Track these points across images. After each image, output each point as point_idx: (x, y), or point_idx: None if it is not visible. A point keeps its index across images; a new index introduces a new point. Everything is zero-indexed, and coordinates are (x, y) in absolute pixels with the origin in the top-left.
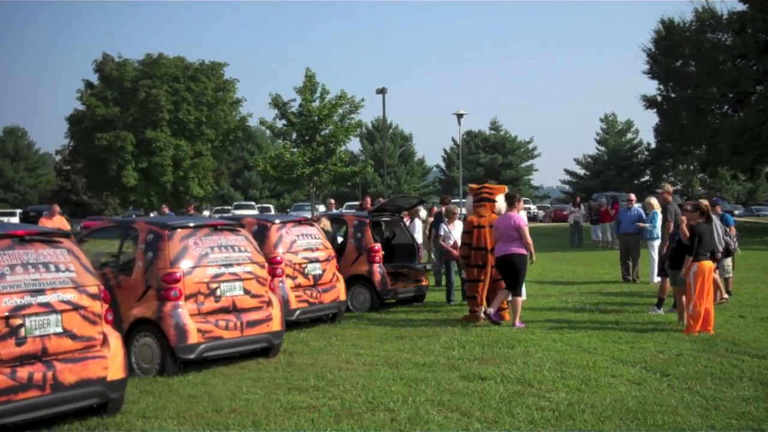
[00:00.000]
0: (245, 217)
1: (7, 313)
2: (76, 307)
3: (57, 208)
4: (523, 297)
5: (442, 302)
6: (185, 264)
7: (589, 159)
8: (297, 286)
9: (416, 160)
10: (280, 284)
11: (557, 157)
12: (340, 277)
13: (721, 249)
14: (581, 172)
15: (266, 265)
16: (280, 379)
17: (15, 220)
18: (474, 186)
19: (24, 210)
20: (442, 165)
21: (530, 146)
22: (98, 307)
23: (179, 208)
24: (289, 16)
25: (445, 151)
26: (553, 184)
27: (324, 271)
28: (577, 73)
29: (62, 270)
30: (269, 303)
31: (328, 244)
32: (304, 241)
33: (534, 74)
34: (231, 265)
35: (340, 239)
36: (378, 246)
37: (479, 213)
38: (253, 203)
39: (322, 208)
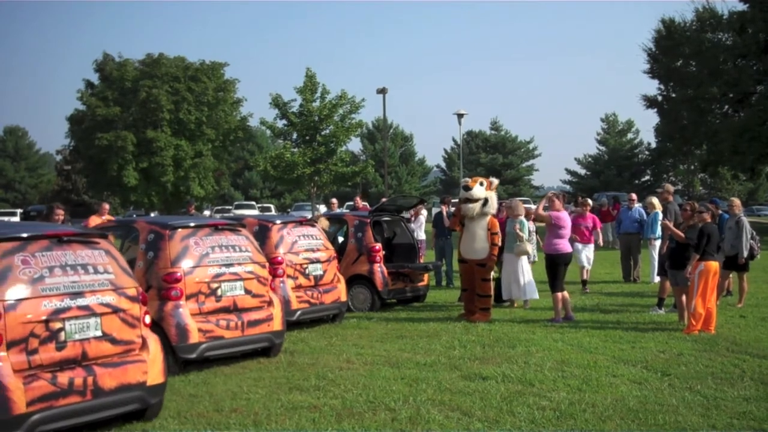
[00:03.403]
0: (246, 217)
1: (46, 317)
2: (116, 310)
3: (107, 207)
4: (532, 297)
5: (443, 302)
6: (186, 264)
7: (590, 159)
8: (298, 287)
9: (417, 160)
10: (281, 284)
11: (558, 157)
12: (341, 277)
13: (746, 253)
14: (582, 171)
15: (267, 265)
16: (281, 379)
17: (15, 220)
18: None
19: (25, 210)
20: (443, 165)
21: (531, 146)
22: (137, 309)
23: (179, 208)
24: (289, 16)
25: (445, 151)
26: (553, 183)
27: (325, 271)
28: (578, 72)
29: (101, 272)
30: (270, 303)
31: (329, 245)
32: (305, 242)
33: (534, 74)
34: (232, 264)
35: (340, 239)
36: (379, 246)
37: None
38: (253, 203)
39: (323, 208)
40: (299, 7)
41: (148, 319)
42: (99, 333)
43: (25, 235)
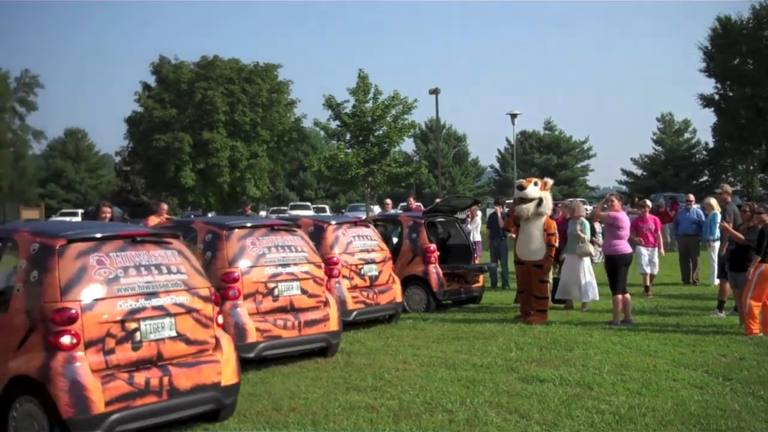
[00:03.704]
0: (301, 217)
1: (122, 317)
2: (189, 310)
3: (165, 207)
4: (591, 298)
5: (499, 303)
6: (243, 263)
7: (646, 159)
8: (354, 287)
9: (470, 161)
10: (337, 285)
11: (613, 157)
12: (396, 278)
13: None
14: (638, 172)
15: (323, 265)
16: (339, 379)
17: (77, 220)
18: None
19: (86, 210)
20: (497, 165)
21: (585, 146)
22: (210, 310)
23: (236, 209)
24: (342, 17)
25: (499, 151)
26: (609, 184)
27: (380, 272)
28: (633, 71)
29: (174, 272)
30: (326, 303)
31: (384, 246)
32: (360, 243)
33: (589, 73)
34: (288, 265)
35: (395, 240)
36: (433, 247)
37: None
38: (308, 204)
39: (377, 208)
40: (352, 7)
41: (221, 320)
42: (173, 333)
43: (99, 235)
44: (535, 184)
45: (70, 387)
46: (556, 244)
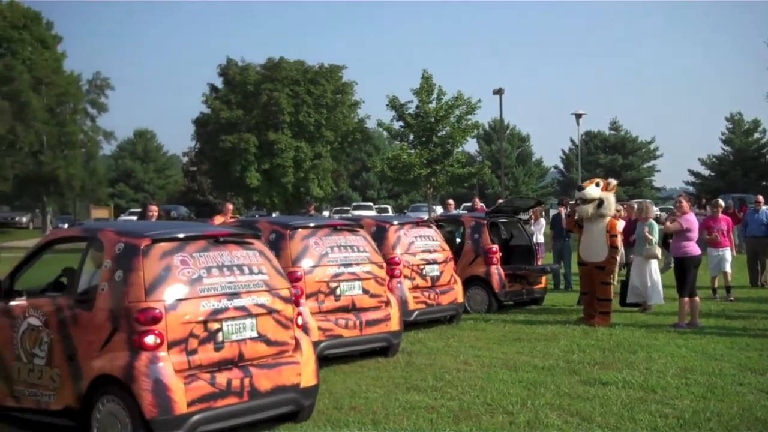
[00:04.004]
0: (364, 217)
1: (205, 317)
2: (270, 311)
3: (230, 207)
4: (655, 301)
5: (561, 305)
6: (306, 263)
7: (714, 159)
8: (415, 288)
9: (534, 161)
10: (399, 285)
11: (680, 158)
12: (458, 279)
13: None
14: (706, 173)
15: (384, 265)
16: (399, 379)
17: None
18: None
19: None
20: (561, 166)
21: (652, 146)
22: (290, 310)
23: (299, 209)
24: (406, 18)
25: (563, 151)
26: (676, 185)
27: (442, 272)
28: (700, 70)
29: (255, 272)
30: (387, 303)
31: (446, 246)
32: (421, 243)
33: (655, 72)
34: (350, 264)
35: (457, 240)
36: (496, 247)
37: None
38: (371, 204)
39: (439, 209)
40: (417, 8)
41: (300, 320)
42: (254, 334)
43: (182, 235)
44: (597, 184)
45: (154, 387)
46: (619, 246)
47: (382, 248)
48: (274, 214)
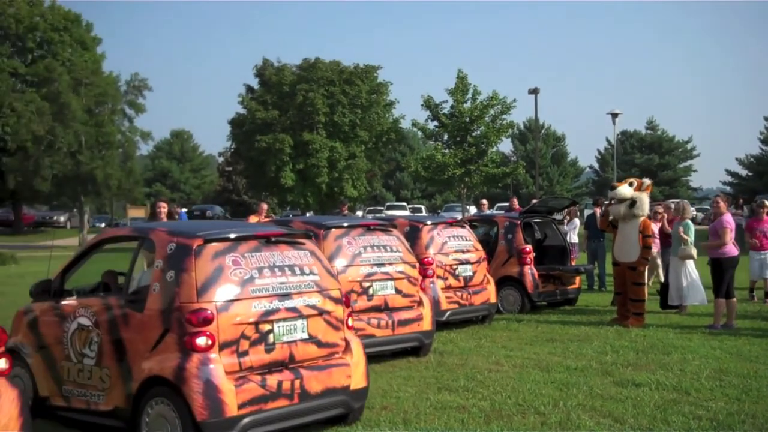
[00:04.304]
0: (397, 217)
1: (256, 319)
2: (321, 312)
3: (265, 206)
4: (690, 302)
5: (595, 306)
6: (339, 263)
7: (752, 159)
8: (448, 287)
9: (569, 161)
10: (431, 285)
11: (718, 157)
12: (491, 279)
13: None
14: (743, 172)
15: (417, 265)
16: (431, 379)
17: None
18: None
19: (189, 210)
20: (596, 166)
21: (689, 146)
22: (341, 312)
23: (333, 209)
24: (441, 17)
25: (598, 151)
26: (713, 185)
27: (474, 272)
28: (739, 69)
29: (306, 273)
30: (420, 303)
31: (479, 246)
32: (455, 243)
33: (692, 71)
34: (383, 264)
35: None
36: (529, 248)
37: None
38: (404, 204)
39: (473, 209)
40: (453, 8)
41: (351, 322)
42: (305, 335)
43: (234, 235)
44: (630, 184)
45: (205, 389)
46: (652, 246)
47: (416, 248)
48: (308, 214)
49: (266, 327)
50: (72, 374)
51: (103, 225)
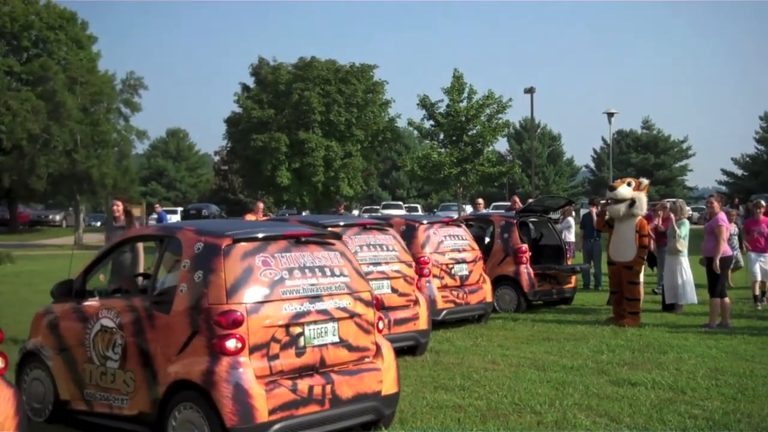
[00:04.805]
0: (393, 216)
1: (287, 321)
2: (352, 315)
3: (261, 205)
4: (685, 301)
5: (591, 305)
6: None
7: (748, 158)
8: (444, 287)
9: (565, 160)
10: (428, 284)
11: (713, 157)
12: (487, 278)
13: None
14: (739, 172)
15: (413, 264)
16: (427, 378)
17: (176, 218)
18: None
19: (185, 209)
20: (592, 165)
21: (684, 145)
22: (371, 315)
23: (329, 208)
24: (437, 17)
25: (594, 150)
26: (708, 184)
27: (471, 272)
28: (734, 68)
29: (337, 274)
30: (416, 302)
31: (475, 245)
32: (451, 242)
33: (687, 71)
34: (379, 263)
35: (486, 240)
36: (525, 247)
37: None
38: (400, 203)
39: (469, 208)
40: (447, 7)
41: (381, 325)
42: (336, 339)
43: (263, 235)
44: (629, 184)
45: (235, 394)
46: (649, 245)
47: (412, 247)
48: (303, 213)
49: (297, 330)
50: (94, 377)
51: (98, 224)
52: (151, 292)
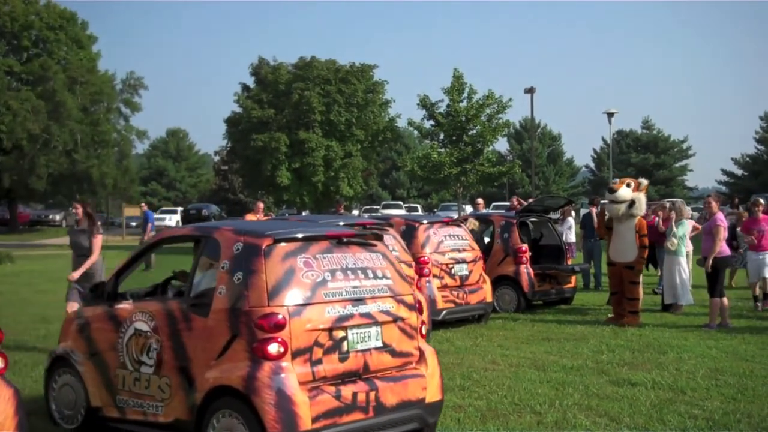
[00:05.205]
0: (393, 216)
1: (330, 324)
2: (395, 319)
3: (261, 205)
4: (684, 302)
5: (591, 305)
6: None
7: (748, 158)
8: (444, 287)
9: (565, 160)
10: (427, 284)
11: (713, 157)
12: (487, 278)
13: None
14: (739, 172)
15: (413, 264)
16: None
17: (176, 217)
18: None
19: (185, 209)
20: (592, 165)
21: (684, 145)
22: (415, 319)
23: (329, 208)
24: (437, 16)
25: (594, 150)
26: (708, 184)
27: (470, 272)
28: (734, 68)
29: (380, 276)
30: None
31: (475, 245)
32: (451, 242)
33: (687, 71)
34: None
35: (486, 240)
36: (525, 247)
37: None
38: (400, 203)
39: (468, 208)
40: (447, 7)
41: (424, 330)
42: (379, 344)
43: (304, 235)
44: (628, 185)
45: (278, 401)
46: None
47: (411, 247)
48: (303, 213)
49: (340, 334)
50: (127, 383)
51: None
52: (188, 294)
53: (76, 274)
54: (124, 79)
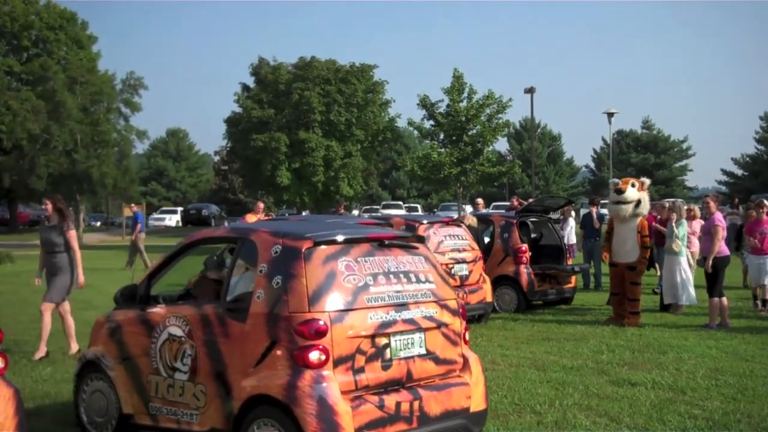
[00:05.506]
0: (393, 216)
1: (373, 331)
2: (439, 325)
3: (261, 205)
4: (684, 302)
5: (591, 305)
6: None
7: (748, 158)
8: None
9: (565, 160)
10: None
11: (713, 157)
12: (487, 278)
13: None
14: (739, 172)
15: None
16: None
17: (176, 217)
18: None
19: (185, 208)
20: (592, 165)
21: (684, 145)
22: (458, 324)
23: (329, 208)
24: (437, 16)
25: (594, 150)
26: (708, 184)
27: (471, 272)
28: (734, 68)
29: (422, 281)
30: None
31: (475, 245)
32: (451, 242)
33: (687, 71)
34: None
35: (486, 239)
36: (525, 247)
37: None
38: (400, 203)
39: (468, 208)
40: (447, 7)
41: (468, 336)
42: (423, 351)
43: (345, 237)
44: (633, 185)
45: (319, 410)
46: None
47: None
48: (303, 213)
49: (383, 341)
50: (161, 390)
51: (98, 224)
52: (224, 298)
53: (82, 280)
54: (124, 79)
